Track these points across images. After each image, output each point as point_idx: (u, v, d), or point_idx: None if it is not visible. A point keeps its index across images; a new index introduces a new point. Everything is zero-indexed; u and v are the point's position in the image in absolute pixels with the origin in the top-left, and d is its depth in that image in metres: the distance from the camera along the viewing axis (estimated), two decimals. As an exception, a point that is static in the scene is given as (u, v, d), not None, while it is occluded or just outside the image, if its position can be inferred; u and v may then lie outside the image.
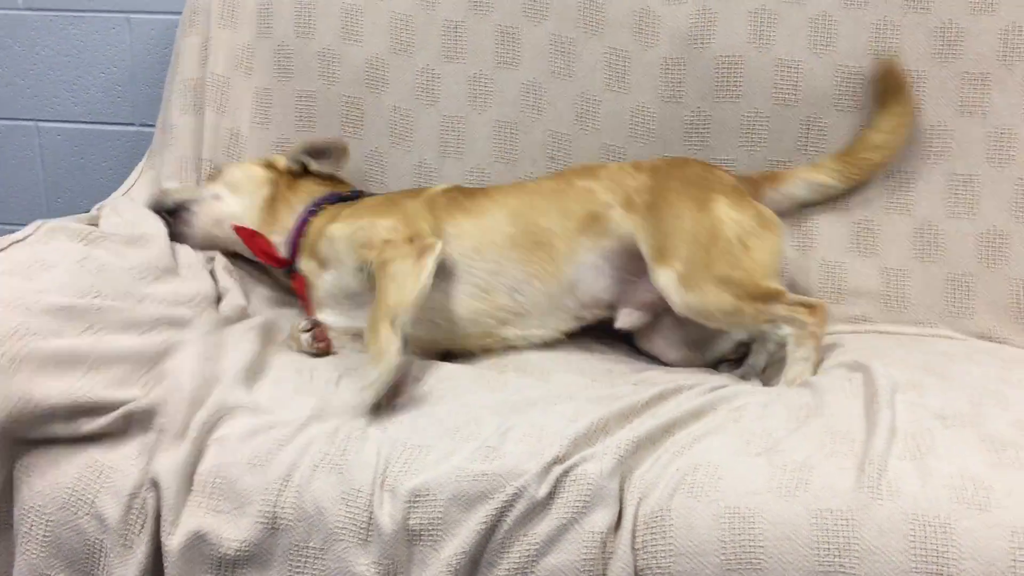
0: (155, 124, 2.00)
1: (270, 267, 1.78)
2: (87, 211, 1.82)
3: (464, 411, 1.40)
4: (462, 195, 1.70)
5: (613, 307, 1.66)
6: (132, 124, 2.31)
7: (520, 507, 1.26)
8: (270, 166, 1.82)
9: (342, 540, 1.30)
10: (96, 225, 1.72)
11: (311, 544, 1.31)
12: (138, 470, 1.36)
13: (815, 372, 1.53)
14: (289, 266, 1.74)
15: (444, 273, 1.59)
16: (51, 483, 1.36)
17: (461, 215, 1.65)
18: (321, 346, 1.59)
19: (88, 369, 1.40)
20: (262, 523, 1.31)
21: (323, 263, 1.67)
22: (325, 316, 1.67)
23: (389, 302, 1.48)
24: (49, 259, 1.52)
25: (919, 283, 1.72)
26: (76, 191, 2.38)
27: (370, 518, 1.29)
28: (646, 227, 1.59)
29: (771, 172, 1.74)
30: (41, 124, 2.35)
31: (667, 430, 1.34)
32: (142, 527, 1.34)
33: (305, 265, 1.71)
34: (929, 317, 1.71)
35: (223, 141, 1.91)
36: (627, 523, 1.24)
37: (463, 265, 1.62)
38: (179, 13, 2.01)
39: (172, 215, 1.78)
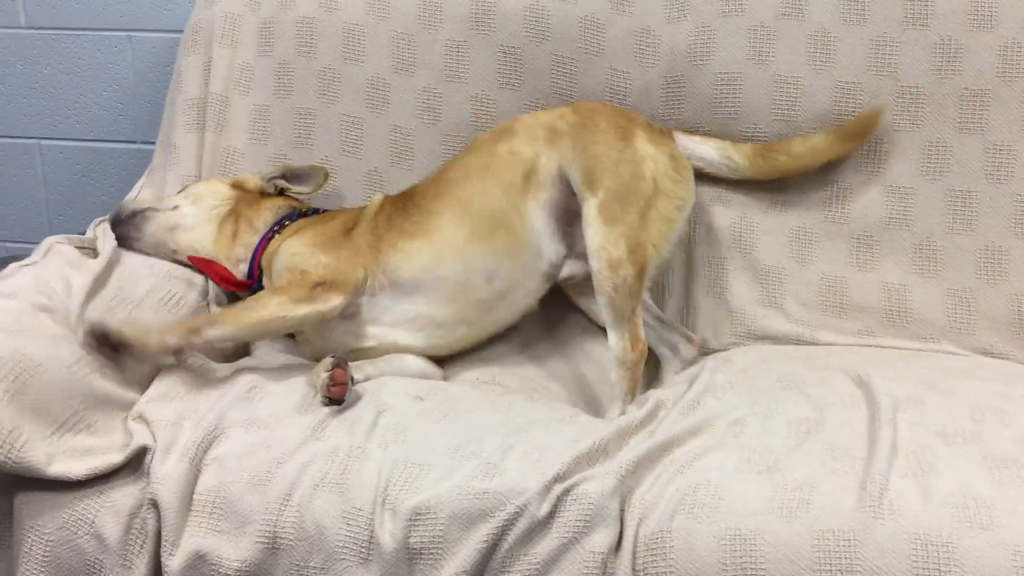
0: (156, 142, 2.00)
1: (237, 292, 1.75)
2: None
3: (465, 430, 1.40)
4: (397, 214, 1.69)
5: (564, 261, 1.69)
6: (134, 142, 2.31)
7: (521, 526, 1.26)
8: (237, 185, 1.82)
9: (343, 559, 1.29)
10: (94, 248, 1.73)
11: (312, 564, 1.30)
12: (138, 490, 1.36)
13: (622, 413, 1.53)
14: (252, 287, 1.72)
15: (411, 290, 1.63)
16: (51, 503, 1.36)
17: (403, 240, 1.65)
18: (334, 391, 1.45)
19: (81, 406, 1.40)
20: (263, 543, 1.31)
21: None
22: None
23: (224, 316, 1.54)
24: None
25: (920, 298, 1.72)
26: (78, 209, 2.38)
27: (371, 537, 1.29)
28: (574, 149, 1.63)
29: (689, 129, 1.76)
30: (43, 142, 2.36)
31: (666, 448, 1.34)
32: (142, 547, 1.34)
33: (267, 284, 1.69)
34: (931, 332, 1.71)
35: (220, 159, 1.92)
36: (627, 544, 1.24)
37: (428, 279, 1.63)
38: (180, 32, 2.02)
39: (124, 222, 1.76)
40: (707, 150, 1.74)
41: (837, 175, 1.75)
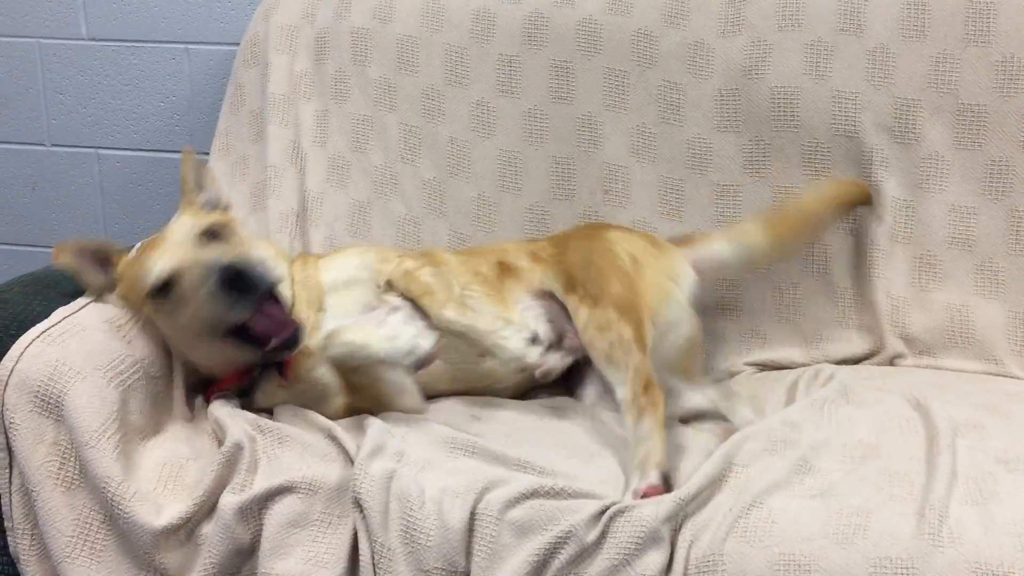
0: (210, 151, 2.03)
1: None
2: (144, 235, 1.85)
3: (526, 449, 1.40)
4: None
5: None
6: (189, 152, 2.35)
7: (573, 544, 1.25)
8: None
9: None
10: None
11: None
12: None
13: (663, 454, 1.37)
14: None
15: None
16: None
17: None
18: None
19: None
20: None
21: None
22: None
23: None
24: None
25: (981, 320, 1.68)
26: (133, 217, 2.42)
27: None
28: (555, 270, 1.63)
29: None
30: (101, 151, 2.40)
31: (724, 471, 1.33)
32: None
33: None
34: (993, 354, 1.67)
35: (287, 152, 1.93)
36: (678, 567, 1.23)
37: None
38: (236, 44, 2.05)
39: None
40: (719, 247, 1.70)
41: (898, 193, 1.72)
